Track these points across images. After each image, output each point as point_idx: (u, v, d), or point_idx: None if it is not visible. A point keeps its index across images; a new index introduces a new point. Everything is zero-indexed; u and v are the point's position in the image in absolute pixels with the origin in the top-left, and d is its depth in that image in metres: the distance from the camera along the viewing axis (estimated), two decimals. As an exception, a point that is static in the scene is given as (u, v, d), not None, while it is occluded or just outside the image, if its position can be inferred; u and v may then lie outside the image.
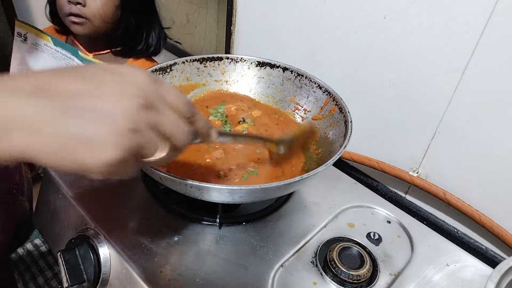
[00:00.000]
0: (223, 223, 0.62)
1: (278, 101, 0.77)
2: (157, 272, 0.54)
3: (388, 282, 0.57)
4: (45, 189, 0.72)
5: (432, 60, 0.66)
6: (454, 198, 0.70)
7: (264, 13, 0.91)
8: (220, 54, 0.77)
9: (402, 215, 0.68)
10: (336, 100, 0.68)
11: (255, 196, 0.55)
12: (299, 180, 0.51)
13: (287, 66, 0.75)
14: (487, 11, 0.58)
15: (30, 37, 0.94)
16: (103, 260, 0.57)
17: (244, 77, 0.78)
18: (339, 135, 0.63)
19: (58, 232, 0.68)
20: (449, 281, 0.58)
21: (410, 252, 0.61)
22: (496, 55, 0.59)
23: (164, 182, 0.54)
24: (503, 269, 0.49)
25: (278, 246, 0.59)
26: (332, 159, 0.54)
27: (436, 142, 0.72)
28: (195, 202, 0.57)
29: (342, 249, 0.58)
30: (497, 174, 0.66)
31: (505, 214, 0.67)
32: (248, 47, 1.00)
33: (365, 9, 0.72)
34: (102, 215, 0.61)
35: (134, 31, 0.99)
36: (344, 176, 0.76)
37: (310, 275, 0.56)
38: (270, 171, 0.64)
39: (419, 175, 0.76)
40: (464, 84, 0.64)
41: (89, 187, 0.66)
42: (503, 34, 0.58)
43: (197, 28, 2.55)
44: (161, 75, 0.72)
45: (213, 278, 0.54)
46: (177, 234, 0.60)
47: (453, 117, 0.68)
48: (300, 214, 0.66)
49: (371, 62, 0.75)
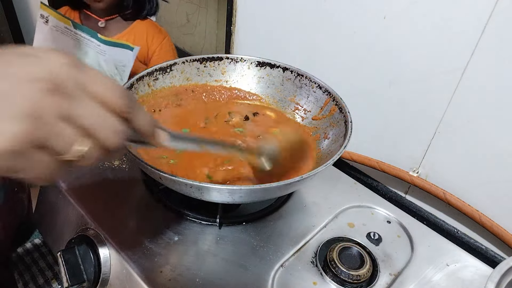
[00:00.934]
0: (223, 223, 0.62)
1: (278, 101, 0.77)
2: (157, 272, 0.54)
3: (388, 282, 0.57)
4: (45, 189, 0.72)
5: (432, 60, 0.66)
6: (454, 198, 0.70)
7: (264, 13, 0.91)
8: (220, 54, 0.77)
9: (402, 215, 0.68)
10: (336, 100, 0.68)
11: (255, 196, 0.55)
12: (299, 180, 0.51)
13: (287, 66, 0.75)
14: (487, 11, 0.58)
15: (51, 20, 1.03)
16: (103, 260, 0.57)
17: (244, 77, 0.78)
18: (339, 135, 0.63)
19: (58, 232, 0.68)
20: (449, 281, 0.58)
21: (410, 252, 0.61)
22: (496, 55, 0.59)
23: (164, 182, 0.54)
24: (503, 269, 0.49)
25: (278, 246, 0.59)
26: (332, 159, 0.54)
27: (436, 142, 0.72)
28: (195, 202, 0.57)
29: (342, 249, 0.58)
30: (497, 174, 0.66)
31: (505, 214, 0.67)
32: (248, 47, 1.00)
33: (365, 9, 0.72)
34: (102, 215, 0.61)
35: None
36: (344, 176, 0.76)
37: (310, 275, 0.56)
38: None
39: (419, 175, 0.76)
40: (464, 84, 0.64)
41: (90, 187, 0.66)
42: (503, 34, 0.58)
43: (197, 28, 2.56)
44: (161, 75, 0.72)
45: (213, 278, 0.54)
46: (177, 234, 0.60)
47: (453, 117, 0.67)
48: (300, 214, 0.66)
49: (371, 62, 0.75)
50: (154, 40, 1.22)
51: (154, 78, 0.72)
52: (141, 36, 1.21)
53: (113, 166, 0.71)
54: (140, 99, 0.69)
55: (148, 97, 0.70)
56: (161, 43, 1.23)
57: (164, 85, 0.73)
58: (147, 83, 0.70)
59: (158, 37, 1.23)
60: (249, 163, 0.58)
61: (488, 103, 0.63)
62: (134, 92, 0.68)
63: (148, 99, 0.70)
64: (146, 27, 1.23)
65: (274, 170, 0.57)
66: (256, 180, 0.59)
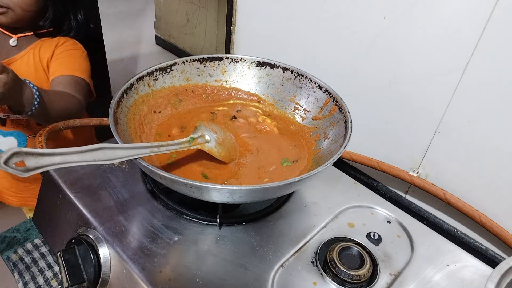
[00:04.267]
0: (223, 223, 0.62)
1: (278, 101, 0.77)
2: (157, 272, 0.54)
3: (388, 282, 0.57)
4: (45, 189, 0.72)
5: (432, 60, 0.66)
6: (454, 198, 0.70)
7: (264, 13, 0.91)
8: (220, 54, 0.77)
9: (402, 215, 0.68)
10: (336, 100, 0.68)
11: (255, 196, 0.55)
12: (299, 180, 0.51)
13: (287, 66, 0.75)
14: (487, 11, 0.58)
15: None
16: (103, 260, 0.57)
17: (244, 77, 0.78)
18: (339, 135, 0.63)
19: (58, 232, 0.68)
20: (449, 281, 0.58)
21: (410, 252, 0.61)
22: (496, 55, 0.59)
23: (164, 182, 0.54)
24: (503, 269, 0.49)
25: (278, 246, 0.59)
26: (332, 159, 0.54)
27: (436, 142, 0.72)
28: (195, 202, 0.57)
29: (342, 249, 0.57)
30: (497, 174, 0.66)
31: (505, 214, 0.67)
32: (248, 47, 1.00)
33: (365, 9, 0.72)
34: (102, 215, 0.61)
35: (62, 16, 1.00)
36: (344, 176, 0.76)
37: (310, 275, 0.56)
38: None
39: (419, 175, 0.76)
40: (464, 84, 0.64)
41: (90, 187, 0.66)
42: (503, 34, 0.58)
43: (197, 28, 2.57)
44: (161, 75, 0.72)
45: (213, 278, 0.54)
46: (177, 234, 0.60)
47: (453, 117, 0.68)
48: (300, 214, 0.66)
49: (371, 62, 0.75)
50: (58, 47, 1.01)
51: (154, 78, 0.72)
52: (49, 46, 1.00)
53: (113, 166, 0.71)
54: (140, 99, 0.69)
55: (148, 97, 0.70)
56: (62, 44, 1.01)
57: (164, 85, 0.73)
58: (147, 83, 0.70)
59: (62, 42, 1.02)
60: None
61: (488, 103, 0.63)
62: (134, 92, 0.68)
63: (148, 99, 0.70)
64: (58, 38, 1.02)
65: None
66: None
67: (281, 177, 0.63)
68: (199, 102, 0.77)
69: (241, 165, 0.65)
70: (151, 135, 0.68)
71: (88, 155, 0.49)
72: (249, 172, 0.63)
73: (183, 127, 0.71)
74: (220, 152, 0.62)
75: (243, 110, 0.77)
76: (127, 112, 0.65)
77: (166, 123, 0.72)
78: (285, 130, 0.73)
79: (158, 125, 0.71)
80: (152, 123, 0.70)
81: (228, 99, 0.79)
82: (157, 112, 0.72)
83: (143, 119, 0.68)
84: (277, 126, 0.74)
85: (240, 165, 0.65)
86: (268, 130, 0.73)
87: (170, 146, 0.58)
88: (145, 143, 0.55)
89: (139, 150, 0.53)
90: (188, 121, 0.72)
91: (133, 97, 0.67)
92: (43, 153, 0.45)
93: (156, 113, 0.71)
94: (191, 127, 0.70)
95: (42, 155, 0.45)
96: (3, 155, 0.41)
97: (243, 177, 0.62)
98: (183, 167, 0.63)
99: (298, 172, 0.64)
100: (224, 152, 0.63)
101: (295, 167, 0.66)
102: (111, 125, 0.56)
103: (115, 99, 0.62)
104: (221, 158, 0.62)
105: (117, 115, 0.61)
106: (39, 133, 0.78)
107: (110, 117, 0.58)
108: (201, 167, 0.63)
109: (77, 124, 0.86)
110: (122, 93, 0.64)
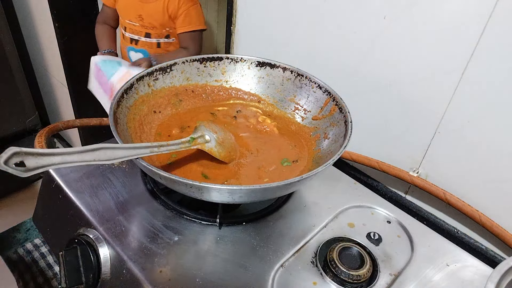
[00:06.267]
0: (223, 223, 0.62)
1: (278, 101, 0.77)
2: (157, 272, 0.54)
3: (388, 282, 0.57)
4: (45, 189, 0.72)
5: (432, 60, 0.66)
6: (454, 198, 0.70)
7: (264, 13, 0.91)
8: (220, 54, 0.77)
9: (402, 215, 0.68)
10: (336, 100, 0.68)
11: (255, 196, 0.55)
12: (299, 180, 0.51)
13: (287, 66, 0.75)
14: (487, 11, 0.58)
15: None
16: (103, 260, 0.57)
17: (244, 77, 0.78)
18: (339, 135, 0.63)
19: (58, 232, 0.68)
20: (449, 281, 0.58)
21: (410, 252, 0.61)
22: (496, 55, 0.59)
23: (164, 182, 0.54)
24: (503, 269, 0.49)
25: (278, 246, 0.59)
26: (332, 159, 0.54)
27: (436, 142, 0.71)
28: (195, 202, 0.57)
29: (342, 249, 0.57)
30: (497, 174, 0.66)
31: (505, 214, 0.67)
32: (248, 47, 0.99)
33: (365, 9, 0.72)
34: (102, 215, 0.61)
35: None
36: (344, 176, 0.76)
37: (310, 275, 0.56)
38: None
39: (419, 175, 0.76)
40: (464, 84, 0.64)
41: (90, 187, 0.66)
42: (502, 34, 0.58)
43: (197, 28, 2.53)
44: (161, 75, 0.72)
45: (213, 278, 0.54)
46: (177, 234, 0.60)
47: (453, 117, 0.67)
48: (300, 214, 0.66)
49: (371, 62, 0.75)
50: (182, 4, 1.26)
51: (154, 78, 0.72)
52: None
53: (113, 166, 0.71)
54: (140, 99, 0.69)
55: (148, 97, 0.70)
56: (187, 9, 1.27)
57: (164, 85, 0.73)
58: (147, 83, 0.70)
59: (186, 2, 1.26)
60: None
61: (488, 103, 0.63)
62: (134, 92, 0.68)
63: (148, 99, 0.70)
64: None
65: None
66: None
67: (281, 177, 0.63)
68: (199, 102, 0.77)
69: (241, 165, 0.65)
70: (151, 135, 0.68)
71: (88, 155, 0.49)
72: (249, 172, 0.63)
73: (183, 127, 0.71)
74: (220, 152, 0.62)
75: (243, 110, 0.77)
76: (127, 112, 0.65)
77: (166, 123, 0.72)
78: (285, 130, 0.73)
79: (158, 125, 0.71)
80: (152, 123, 0.70)
81: (228, 99, 0.79)
82: (157, 112, 0.72)
83: (143, 119, 0.68)
84: (277, 126, 0.74)
85: (240, 165, 0.65)
86: (268, 130, 0.73)
87: (170, 146, 0.58)
88: (145, 143, 0.55)
89: (139, 150, 0.53)
90: (188, 121, 0.72)
91: (133, 97, 0.67)
92: (43, 153, 0.45)
93: (156, 113, 0.71)
94: (191, 127, 0.70)
95: (42, 155, 0.45)
96: (3, 155, 0.41)
97: (243, 177, 0.62)
98: (183, 167, 0.63)
99: (298, 172, 0.64)
100: (224, 152, 0.63)
101: (295, 167, 0.66)
102: (111, 125, 0.56)
103: (115, 99, 0.62)
104: (221, 158, 0.62)
105: (117, 115, 0.61)
106: (39, 133, 0.78)
107: (110, 117, 0.58)
108: (201, 167, 0.63)
109: (77, 124, 0.86)
110: (122, 93, 0.64)
